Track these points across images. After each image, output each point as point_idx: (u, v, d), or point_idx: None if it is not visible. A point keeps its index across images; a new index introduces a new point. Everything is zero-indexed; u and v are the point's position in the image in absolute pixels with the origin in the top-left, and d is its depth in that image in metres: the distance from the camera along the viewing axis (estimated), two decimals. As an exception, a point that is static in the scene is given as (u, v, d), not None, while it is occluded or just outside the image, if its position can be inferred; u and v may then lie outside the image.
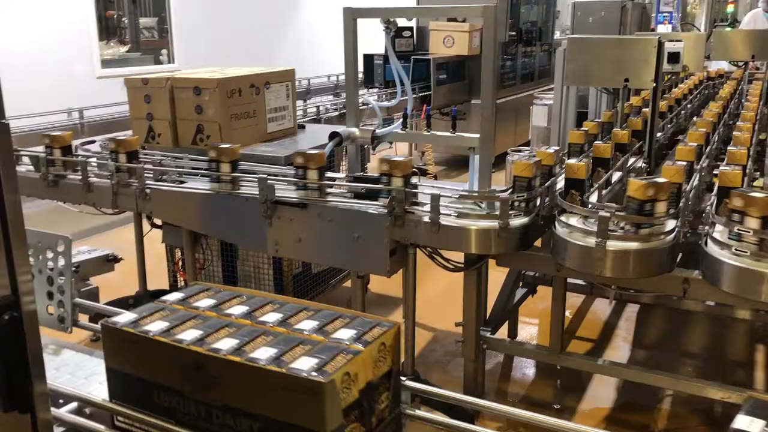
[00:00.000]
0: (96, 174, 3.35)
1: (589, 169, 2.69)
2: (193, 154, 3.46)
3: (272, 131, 3.81)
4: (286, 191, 2.87)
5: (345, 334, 1.42)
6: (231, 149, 3.00)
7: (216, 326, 1.44)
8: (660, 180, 2.30)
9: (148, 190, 3.15)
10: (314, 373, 1.26)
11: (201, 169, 3.20)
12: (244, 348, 1.36)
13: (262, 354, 1.34)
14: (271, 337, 1.41)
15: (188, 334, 1.41)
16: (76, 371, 1.87)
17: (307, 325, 1.47)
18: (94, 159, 3.45)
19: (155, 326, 1.45)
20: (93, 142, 4.01)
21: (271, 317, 1.49)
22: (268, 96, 3.75)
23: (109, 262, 3.72)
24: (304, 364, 1.30)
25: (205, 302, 1.57)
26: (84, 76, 7.13)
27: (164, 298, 1.59)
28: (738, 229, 2.16)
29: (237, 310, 1.53)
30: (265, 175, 2.87)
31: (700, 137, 3.24)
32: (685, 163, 2.66)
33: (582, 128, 3.28)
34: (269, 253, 3.23)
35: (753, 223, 2.13)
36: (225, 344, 1.37)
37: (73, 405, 1.74)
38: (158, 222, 3.65)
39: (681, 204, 2.43)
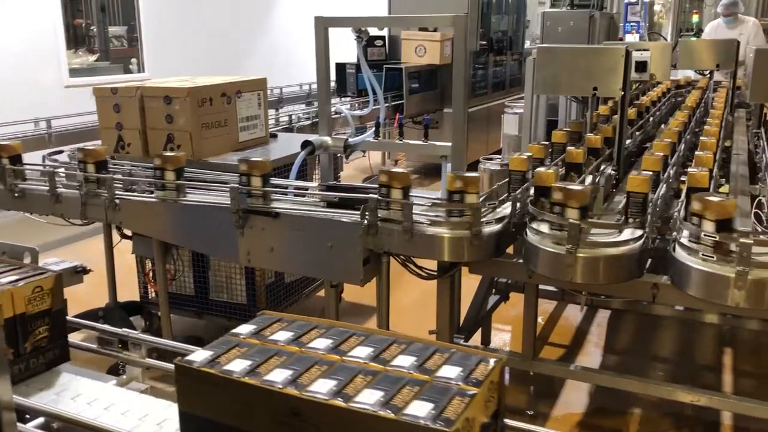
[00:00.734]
0: (64, 184, 3.30)
1: (558, 176, 2.71)
2: (164, 163, 3.43)
3: (244, 140, 3.80)
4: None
5: (451, 371, 1.29)
6: (176, 157, 2.99)
7: (305, 364, 1.31)
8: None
9: (117, 201, 3.11)
10: (438, 422, 1.13)
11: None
12: (344, 390, 1.22)
13: (368, 398, 1.19)
14: (371, 376, 1.27)
15: (277, 375, 1.27)
16: (92, 401, 1.82)
17: (405, 361, 1.33)
18: (62, 169, 3.40)
19: (237, 365, 1.30)
20: (61, 152, 3.95)
21: (362, 352, 1.37)
22: (240, 105, 3.74)
23: (77, 273, 3.64)
24: (420, 410, 1.15)
25: (282, 335, 1.44)
26: (52, 86, 7.03)
27: (235, 331, 1.46)
28: (704, 234, 2.20)
29: (320, 343, 1.40)
30: (237, 184, 2.85)
31: (667, 146, 3.29)
32: (651, 173, 2.69)
33: (525, 153, 3.17)
34: (241, 263, 3.21)
35: (709, 226, 2.17)
36: (322, 386, 1.23)
37: (40, 420, 1.71)
38: (128, 233, 3.61)
39: (649, 210, 2.47)
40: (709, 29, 8.22)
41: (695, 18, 11.48)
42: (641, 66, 3.93)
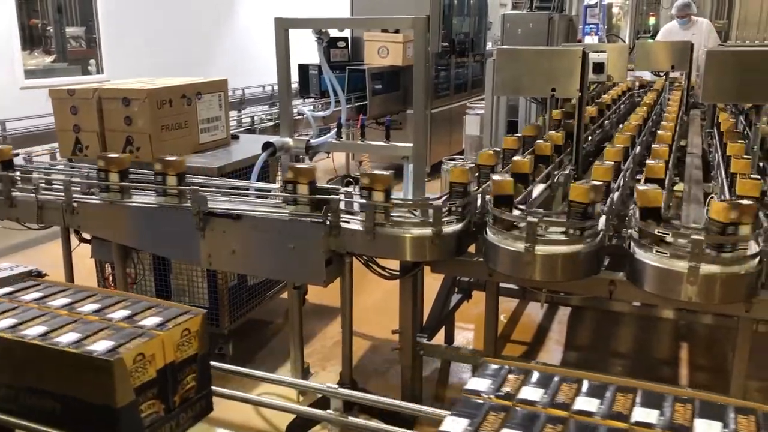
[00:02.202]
0: (19, 188, 3.24)
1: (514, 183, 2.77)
2: (123, 166, 3.39)
3: (205, 142, 3.77)
4: (218, 203, 2.84)
5: None
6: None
7: None
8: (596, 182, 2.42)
9: (75, 204, 3.06)
10: None
11: (132, 181, 3.13)
12: None
13: None
14: None
15: None
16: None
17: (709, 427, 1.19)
18: (18, 173, 3.34)
19: None
20: (17, 155, 3.86)
21: (646, 415, 1.21)
22: (200, 106, 3.71)
23: (32, 278, 3.58)
24: None
25: (531, 392, 1.31)
26: (6, 87, 6.86)
27: (472, 388, 1.34)
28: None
29: (588, 404, 1.27)
30: (198, 187, 2.83)
31: (621, 148, 3.36)
32: (613, 163, 2.78)
33: (493, 148, 3.20)
34: (202, 266, 3.19)
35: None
36: None
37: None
38: (87, 236, 3.55)
39: (606, 208, 2.52)
40: (664, 31, 8.38)
41: (652, 20, 11.73)
42: (598, 67, 4.00)
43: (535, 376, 1.41)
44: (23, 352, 1.63)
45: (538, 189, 3.07)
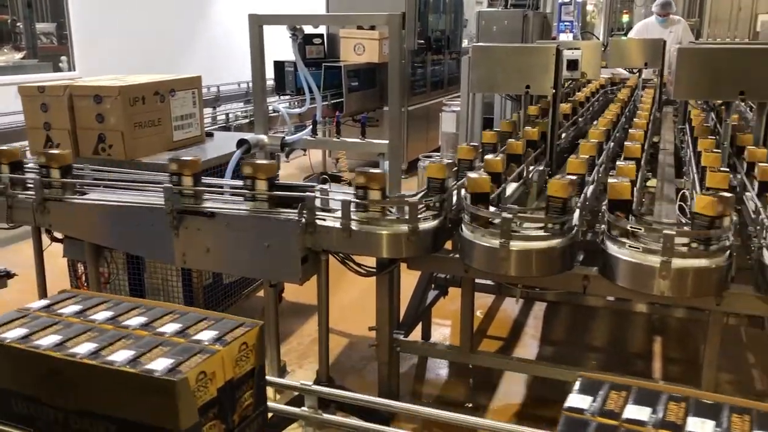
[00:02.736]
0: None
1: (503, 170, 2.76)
2: (95, 164, 3.35)
3: (179, 139, 3.73)
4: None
5: None
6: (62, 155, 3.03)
7: None
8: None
9: (46, 203, 3.01)
10: None
11: (103, 179, 3.10)
12: None
13: None
14: None
15: None
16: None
17: None
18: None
19: None
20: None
21: None
22: (174, 104, 3.67)
23: (1, 278, 3.53)
24: None
25: (637, 411, 1.26)
26: (-26, 84, 6.73)
27: (574, 405, 1.28)
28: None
29: (700, 425, 1.22)
30: (170, 184, 2.80)
31: (595, 144, 3.38)
32: (576, 176, 2.70)
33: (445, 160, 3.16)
34: (177, 265, 3.16)
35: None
36: None
37: None
38: (59, 235, 3.50)
39: (579, 204, 2.54)
40: (640, 27, 8.42)
41: (626, 18, 11.83)
42: (572, 64, 4.03)
43: (638, 393, 1.35)
44: (74, 372, 1.51)
45: (511, 187, 3.07)
